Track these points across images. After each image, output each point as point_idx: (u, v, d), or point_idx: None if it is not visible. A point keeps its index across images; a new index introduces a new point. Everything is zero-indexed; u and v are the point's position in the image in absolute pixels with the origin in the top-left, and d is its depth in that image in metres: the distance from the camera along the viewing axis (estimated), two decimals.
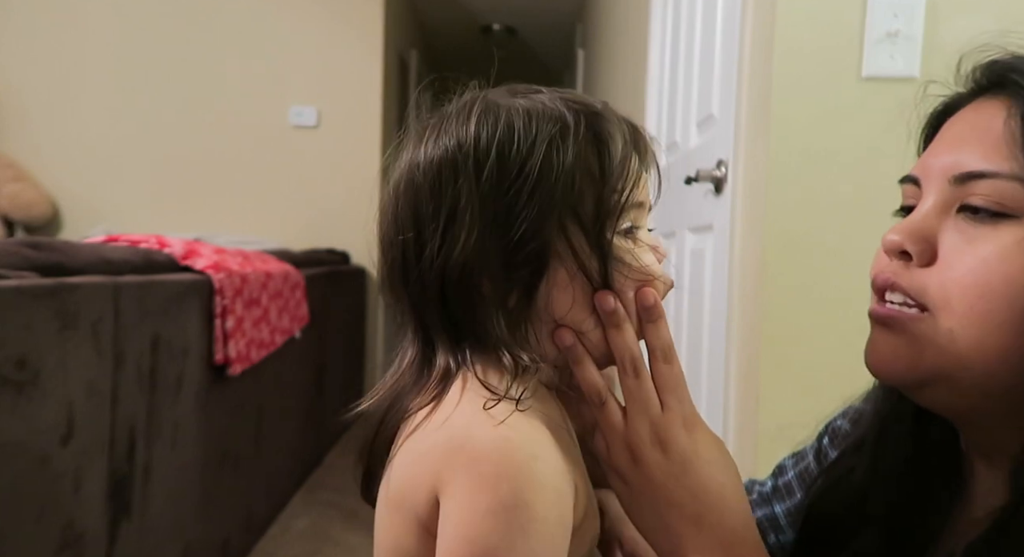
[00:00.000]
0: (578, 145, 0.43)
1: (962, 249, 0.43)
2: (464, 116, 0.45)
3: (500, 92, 0.47)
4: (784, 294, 1.15)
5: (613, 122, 0.46)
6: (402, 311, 0.47)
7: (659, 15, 2.04)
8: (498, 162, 0.42)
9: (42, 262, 1.01)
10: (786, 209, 1.15)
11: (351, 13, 3.38)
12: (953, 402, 0.45)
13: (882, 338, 0.47)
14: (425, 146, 0.45)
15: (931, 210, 0.45)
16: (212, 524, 1.56)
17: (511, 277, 0.43)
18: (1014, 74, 0.45)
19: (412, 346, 0.47)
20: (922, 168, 0.48)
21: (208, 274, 1.48)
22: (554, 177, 0.42)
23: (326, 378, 2.60)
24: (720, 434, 1.33)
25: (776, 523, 0.65)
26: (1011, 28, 0.48)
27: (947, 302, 0.43)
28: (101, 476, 1.09)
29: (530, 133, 0.43)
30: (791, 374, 1.15)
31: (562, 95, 0.46)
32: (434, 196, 0.43)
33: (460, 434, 0.41)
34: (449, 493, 0.40)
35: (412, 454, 0.43)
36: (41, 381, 0.93)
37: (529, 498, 0.39)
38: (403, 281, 0.45)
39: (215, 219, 3.27)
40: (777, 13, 1.14)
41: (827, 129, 1.14)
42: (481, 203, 0.42)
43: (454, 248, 0.42)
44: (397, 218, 0.45)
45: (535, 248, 0.42)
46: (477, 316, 0.43)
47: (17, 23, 3.28)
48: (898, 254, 0.46)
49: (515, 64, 5.15)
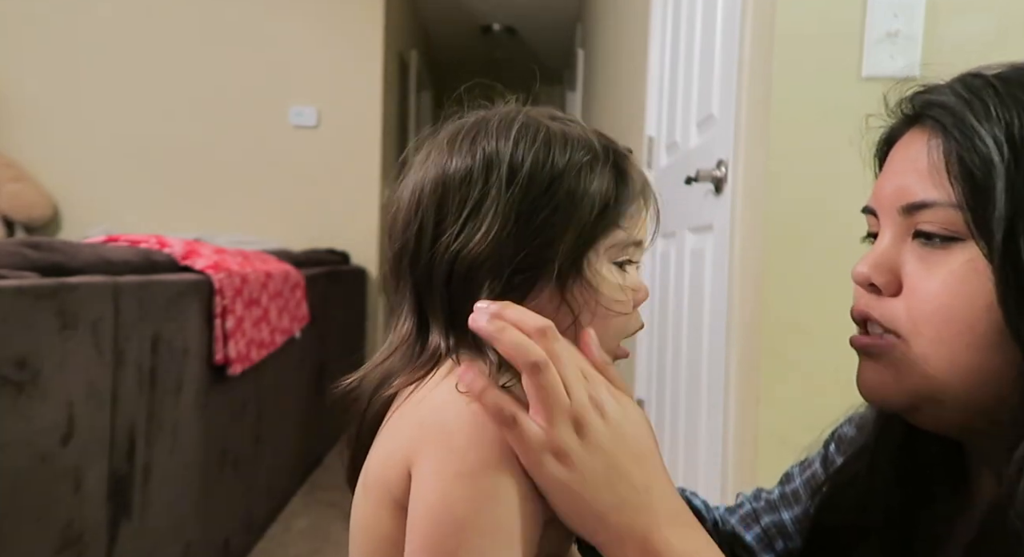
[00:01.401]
0: (603, 176, 0.47)
1: (922, 275, 0.46)
2: (506, 126, 0.48)
3: (540, 112, 0.50)
4: (784, 294, 1.15)
5: (633, 165, 0.50)
6: (401, 294, 0.49)
7: (659, 15, 2.04)
8: (530, 174, 0.46)
9: (42, 262, 1.01)
10: (786, 209, 1.15)
11: (351, 13, 3.38)
12: (947, 421, 0.47)
13: (867, 366, 0.49)
14: (460, 146, 0.47)
15: (890, 242, 0.48)
16: (212, 524, 1.56)
17: (512, 279, 0.45)
18: (929, 109, 0.47)
19: (405, 328, 0.48)
20: (876, 198, 0.51)
21: (208, 274, 1.48)
22: (577, 199, 0.46)
23: (326, 378, 2.60)
24: (720, 434, 1.33)
25: (784, 530, 0.65)
26: (1010, 28, 0.48)
27: (917, 328, 0.45)
28: (101, 476, 1.09)
29: (564, 155, 0.46)
30: (791, 374, 1.15)
31: (594, 130, 0.50)
32: (462, 190, 0.46)
33: (434, 411, 0.43)
34: (420, 466, 0.41)
35: (388, 431, 0.45)
36: (41, 381, 0.93)
37: (498, 468, 0.40)
38: (411, 264, 0.47)
39: (215, 219, 3.27)
40: (777, 13, 1.14)
41: (827, 129, 1.13)
42: (506, 206, 0.45)
43: (469, 241, 0.45)
44: (419, 206, 0.47)
45: (543, 258, 0.45)
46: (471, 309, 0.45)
47: (17, 23, 3.28)
48: (868, 286, 0.49)
49: (515, 64, 5.15)
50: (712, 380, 1.42)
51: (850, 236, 1.11)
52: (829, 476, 0.60)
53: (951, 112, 0.45)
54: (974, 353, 0.43)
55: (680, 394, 1.68)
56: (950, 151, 0.44)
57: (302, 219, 3.35)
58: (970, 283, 0.43)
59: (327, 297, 2.58)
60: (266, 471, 1.94)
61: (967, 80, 0.46)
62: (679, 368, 1.70)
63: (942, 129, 0.45)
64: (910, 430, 0.51)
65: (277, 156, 3.37)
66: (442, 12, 4.50)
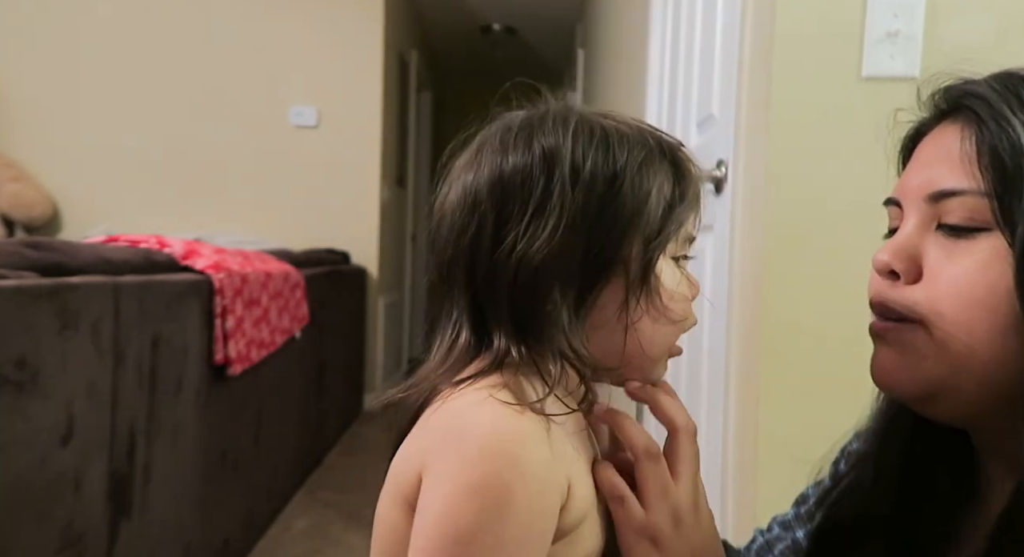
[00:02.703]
0: (663, 172, 0.47)
1: (945, 264, 0.46)
2: (561, 124, 0.46)
3: (590, 111, 0.49)
4: (784, 294, 1.15)
5: (688, 157, 0.49)
6: (453, 304, 0.46)
7: (659, 15, 2.04)
8: (592, 172, 0.44)
9: (42, 262, 1.01)
10: (786, 209, 1.15)
11: (351, 13, 3.38)
12: (961, 412, 0.47)
13: (884, 353, 0.49)
14: (516, 144, 0.46)
15: (913, 229, 0.48)
16: (212, 524, 1.56)
17: (579, 282, 0.44)
18: (965, 99, 0.48)
19: (462, 339, 0.46)
20: (901, 190, 0.51)
21: (208, 274, 1.48)
22: (641, 196, 0.45)
23: (326, 378, 2.60)
24: (719, 435, 1.33)
25: (799, 548, 0.65)
26: (1010, 28, 0.49)
27: (936, 314, 0.45)
28: (101, 476, 1.09)
29: (623, 152, 0.46)
30: (791, 375, 1.15)
31: (646, 125, 0.49)
32: (524, 190, 0.44)
33: (454, 416, 0.42)
34: (431, 469, 0.40)
35: (415, 430, 0.44)
36: (41, 381, 0.93)
37: (509, 482, 0.39)
38: (468, 272, 0.45)
39: (215, 219, 3.27)
40: (777, 13, 1.14)
41: (827, 129, 1.13)
42: (571, 206, 0.44)
43: (534, 244, 0.43)
44: (475, 209, 0.45)
45: (607, 257, 0.44)
46: (541, 314, 0.44)
47: (18, 23, 3.28)
48: (888, 273, 0.49)
49: (515, 64, 5.15)
50: (712, 380, 1.42)
51: (850, 236, 1.11)
52: (835, 484, 0.60)
53: (988, 103, 0.46)
54: (995, 337, 0.44)
55: (680, 394, 1.67)
56: (983, 141, 0.45)
57: (302, 219, 3.36)
58: (993, 269, 0.44)
59: (327, 297, 2.57)
60: (266, 471, 1.94)
61: (1002, 76, 0.47)
62: (679, 368, 1.70)
63: (976, 119, 0.46)
64: (917, 422, 0.51)
65: (277, 156, 3.37)
66: (442, 12, 4.50)
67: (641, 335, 0.46)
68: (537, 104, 0.49)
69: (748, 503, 1.19)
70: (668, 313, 0.47)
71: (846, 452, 0.64)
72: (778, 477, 0.70)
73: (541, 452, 0.41)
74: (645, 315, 0.46)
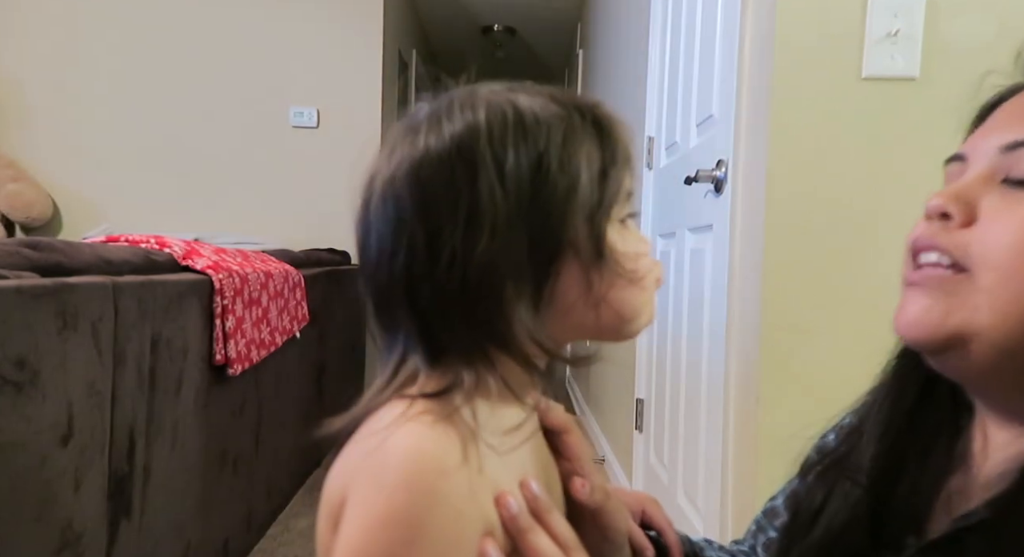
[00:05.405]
0: (587, 139, 0.44)
1: (1002, 210, 0.45)
2: (469, 110, 0.43)
3: (495, 87, 0.45)
4: (784, 294, 1.15)
5: (608, 115, 0.46)
6: (398, 328, 0.44)
7: (659, 15, 2.04)
8: (516, 162, 0.41)
9: (42, 262, 1.01)
10: (786, 209, 1.15)
11: (351, 13, 3.38)
12: (973, 367, 0.46)
13: (913, 299, 0.48)
14: (427, 141, 0.42)
15: (974, 179, 0.47)
16: (212, 524, 1.56)
17: (531, 276, 0.42)
18: None
19: (410, 364, 0.43)
20: (971, 146, 0.50)
21: (208, 274, 1.48)
22: (570, 173, 0.42)
23: (326, 378, 2.60)
24: (720, 434, 1.33)
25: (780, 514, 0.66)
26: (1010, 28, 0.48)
27: (985, 259, 0.44)
28: (101, 476, 1.09)
29: (542, 131, 0.42)
30: (791, 374, 1.15)
31: (557, 92, 0.46)
32: (449, 198, 0.41)
33: (379, 438, 0.39)
34: (351, 497, 0.39)
35: (348, 446, 0.42)
36: (41, 381, 0.93)
37: (422, 514, 0.38)
38: (409, 292, 0.42)
39: (215, 219, 3.27)
40: (777, 13, 1.14)
41: (827, 129, 1.13)
42: (504, 204, 0.41)
43: (474, 252, 0.40)
44: (400, 227, 0.42)
45: (554, 244, 0.42)
46: (499, 319, 0.41)
47: (18, 23, 3.28)
48: (939, 216, 0.47)
49: (515, 64, 5.16)
50: (712, 380, 1.42)
51: (850, 236, 1.11)
52: (820, 458, 0.60)
53: None
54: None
55: (680, 394, 1.68)
56: None
57: (302, 219, 3.36)
58: None
59: (327, 297, 2.57)
60: (266, 471, 1.94)
61: None
62: (679, 368, 1.70)
63: None
64: (928, 380, 0.51)
65: (277, 156, 3.37)
66: (442, 12, 4.50)
67: (613, 305, 0.45)
68: (439, 94, 0.46)
69: (748, 503, 1.19)
70: (632, 275, 0.45)
71: (838, 426, 0.64)
72: (778, 477, 0.70)
73: (462, 482, 0.39)
74: (611, 287, 0.44)
